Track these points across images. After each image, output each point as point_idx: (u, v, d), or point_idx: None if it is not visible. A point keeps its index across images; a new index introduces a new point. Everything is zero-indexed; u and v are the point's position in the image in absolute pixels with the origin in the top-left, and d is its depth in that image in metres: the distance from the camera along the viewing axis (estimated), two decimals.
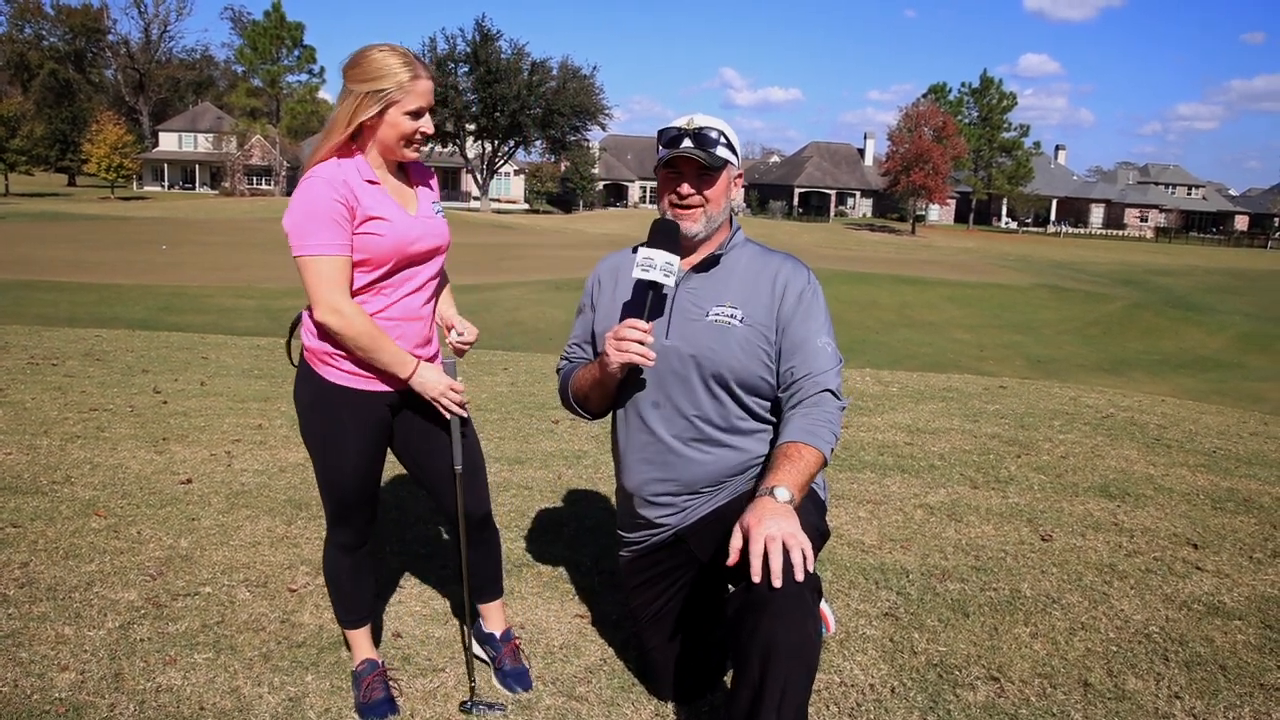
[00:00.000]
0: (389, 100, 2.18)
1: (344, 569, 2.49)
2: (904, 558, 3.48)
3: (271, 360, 8.22)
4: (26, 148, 60.85)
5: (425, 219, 2.34)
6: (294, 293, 16.94)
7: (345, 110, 2.20)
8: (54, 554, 3.28)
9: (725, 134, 2.28)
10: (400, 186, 2.34)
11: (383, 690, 2.44)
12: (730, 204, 2.35)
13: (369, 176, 2.24)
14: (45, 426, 5.00)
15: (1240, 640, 2.87)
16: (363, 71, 2.18)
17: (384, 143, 2.25)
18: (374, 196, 2.23)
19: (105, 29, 76.53)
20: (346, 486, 2.38)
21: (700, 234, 2.29)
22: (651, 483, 2.36)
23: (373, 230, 2.21)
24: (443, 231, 2.38)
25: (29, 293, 15.44)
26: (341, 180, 2.19)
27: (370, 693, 2.42)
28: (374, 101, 2.18)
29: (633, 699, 2.51)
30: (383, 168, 2.30)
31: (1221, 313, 28.09)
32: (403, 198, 2.33)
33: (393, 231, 2.23)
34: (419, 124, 2.24)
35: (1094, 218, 79.05)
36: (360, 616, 2.54)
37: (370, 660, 2.51)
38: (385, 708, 2.40)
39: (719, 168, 2.26)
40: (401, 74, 2.17)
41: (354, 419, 2.32)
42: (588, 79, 57.96)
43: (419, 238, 2.29)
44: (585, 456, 4.80)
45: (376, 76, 2.17)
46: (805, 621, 1.85)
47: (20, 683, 2.44)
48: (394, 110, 2.20)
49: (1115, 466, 4.79)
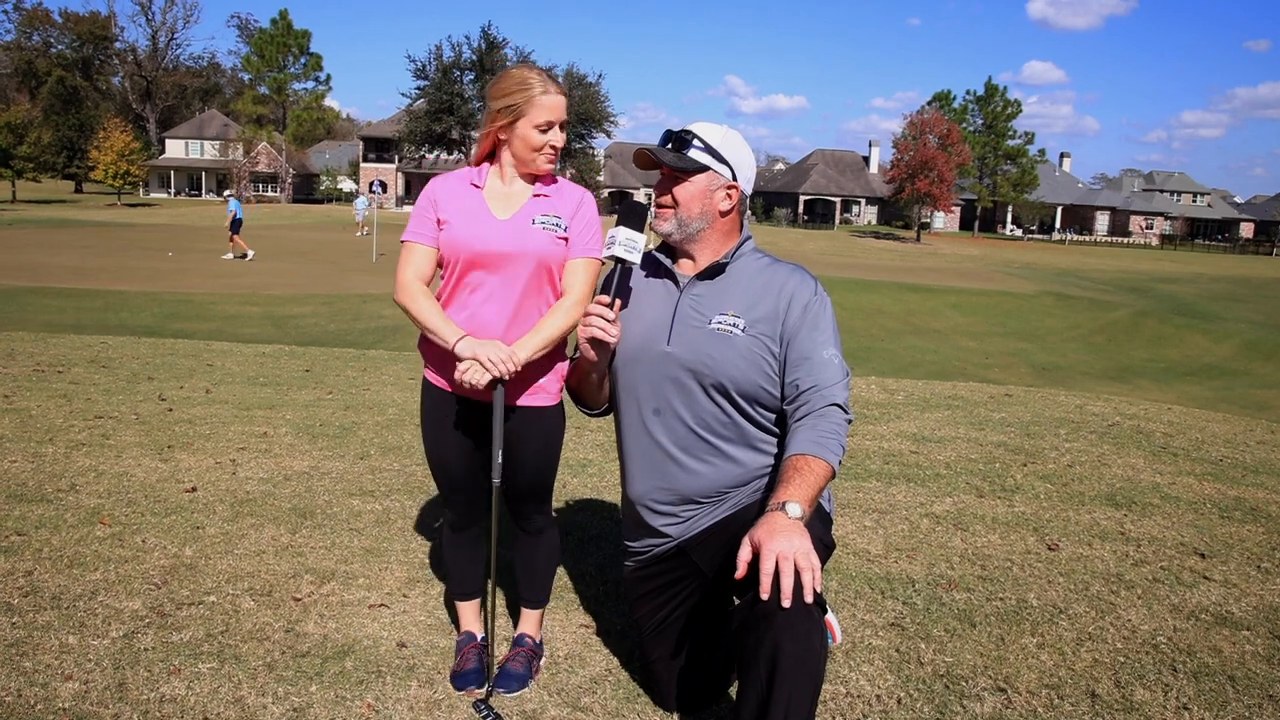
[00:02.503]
0: (517, 114, 2.32)
1: (451, 544, 2.70)
2: (910, 567, 3.47)
3: (277, 368, 8.23)
4: (34, 154, 61.09)
5: (514, 225, 2.37)
6: (299, 300, 16.99)
7: (484, 125, 2.41)
8: (59, 562, 3.28)
9: (706, 139, 2.27)
10: (512, 194, 2.42)
11: (475, 661, 2.59)
12: (716, 210, 2.29)
13: (475, 181, 2.42)
14: (50, 434, 5.00)
15: (1249, 651, 2.85)
16: (498, 88, 2.35)
17: (517, 155, 2.39)
18: (461, 197, 2.41)
19: (112, 36, 77.01)
20: (445, 473, 2.59)
21: (671, 234, 2.32)
22: (654, 491, 2.35)
23: (442, 226, 2.40)
24: (531, 241, 2.36)
25: (35, 299, 15.48)
26: (441, 182, 2.45)
27: (464, 662, 2.60)
28: (505, 115, 2.33)
29: (637, 710, 2.49)
30: (508, 176, 2.43)
31: (1227, 320, 28.01)
32: (505, 204, 2.41)
33: (458, 227, 2.37)
34: (548, 137, 2.36)
35: (1099, 225, 78.96)
36: (466, 590, 2.72)
37: (470, 633, 2.71)
38: (473, 678, 2.55)
39: (688, 170, 2.26)
40: (533, 88, 2.31)
41: (447, 416, 2.51)
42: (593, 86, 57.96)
43: (490, 240, 2.35)
44: (590, 465, 4.80)
45: (508, 92, 2.32)
46: (811, 634, 1.84)
47: (24, 692, 2.43)
48: (523, 123, 2.33)
49: (1121, 475, 4.77)
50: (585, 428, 5.60)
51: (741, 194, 2.33)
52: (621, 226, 2.28)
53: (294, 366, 8.40)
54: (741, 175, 2.32)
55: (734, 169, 2.30)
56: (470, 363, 2.31)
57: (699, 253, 2.34)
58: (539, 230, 2.38)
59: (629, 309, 2.38)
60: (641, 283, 2.41)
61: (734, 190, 2.31)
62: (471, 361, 2.31)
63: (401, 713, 2.45)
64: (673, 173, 2.29)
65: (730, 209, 2.32)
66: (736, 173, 2.30)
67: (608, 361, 2.36)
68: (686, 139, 2.28)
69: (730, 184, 2.30)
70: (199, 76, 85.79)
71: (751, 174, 2.36)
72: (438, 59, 55.11)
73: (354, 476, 4.43)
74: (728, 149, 2.29)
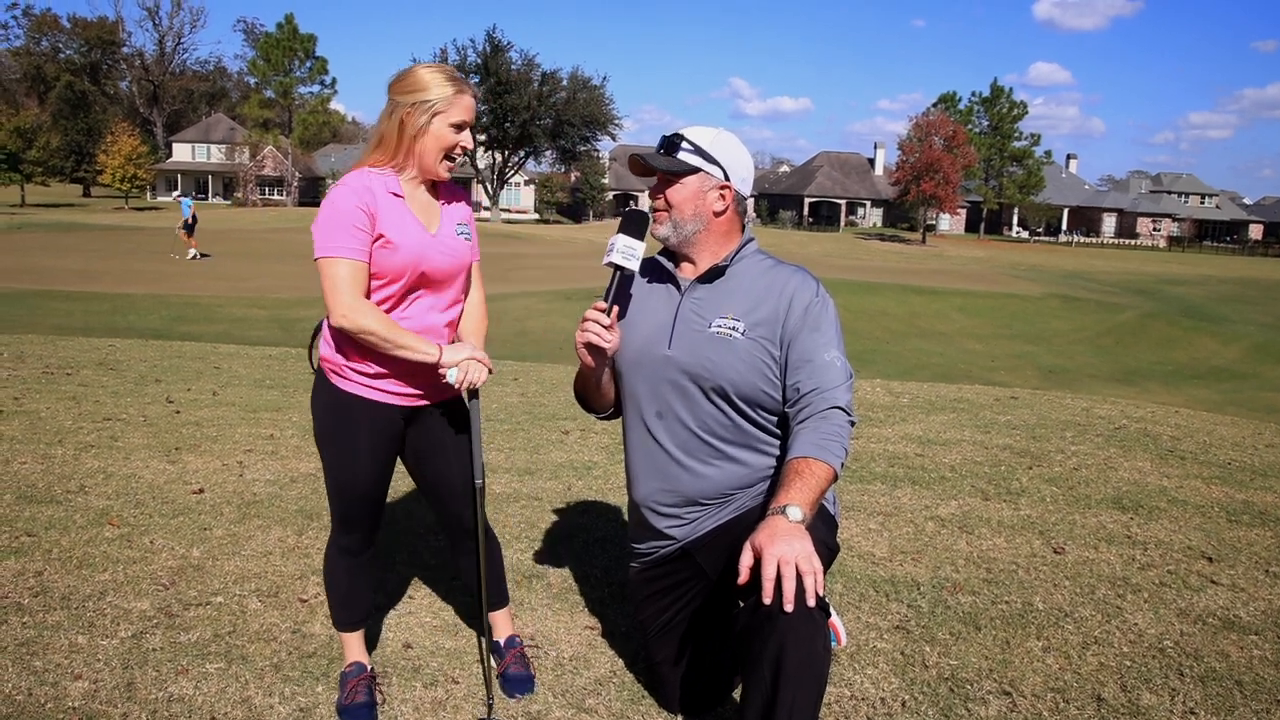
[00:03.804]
0: (434, 111, 2.25)
1: (343, 571, 2.54)
2: (915, 570, 3.47)
3: (283, 370, 8.26)
4: (42, 159, 61.35)
5: (445, 239, 2.36)
6: (306, 302, 17.03)
7: (390, 123, 2.28)
8: (68, 563, 3.30)
9: (695, 142, 2.27)
10: (428, 203, 2.38)
11: (365, 695, 2.46)
12: (710, 211, 2.29)
13: (394, 189, 2.29)
14: (60, 436, 5.03)
15: (1256, 655, 2.85)
16: (409, 85, 2.26)
17: (423, 157, 2.29)
18: (394, 210, 2.28)
19: (120, 41, 77.31)
20: (353, 492, 2.43)
21: (668, 238, 2.32)
22: (657, 493, 2.36)
23: (385, 245, 2.25)
24: (462, 253, 2.39)
25: (44, 302, 15.54)
26: (366, 188, 2.25)
27: (353, 695, 2.45)
28: (420, 113, 2.25)
29: (642, 711, 2.50)
30: (414, 183, 2.34)
31: (1236, 323, 27.92)
32: (427, 215, 2.36)
33: (406, 248, 2.26)
34: (460, 137, 2.30)
35: (1106, 227, 78.73)
36: (355, 619, 2.58)
37: (359, 664, 2.55)
38: (365, 713, 2.42)
39: (678, 173, 2.27)
40: (446, 88, 2.25)
41: (365, 429, 2.37)
42: (598, 89, 58.08)
43: (434, 257, 2.32)
44: (595, 468, 4.81)
45: (422, 88, 2.24)
46: (814, 637, 1.84)
47: (34, 691, 2.45)
48: (438, 120, 2.26)
49: (1128, 478, 4.76)
50: (590, 431, 5.61)
51: (736, 194, 2.31)
52: (621, 234, 2.29)
53: (300, 369, 8.43)
54: (734, 175, 2.30)
55: (725, 169, 2.29)
56: (467, 363, 2.31)
57: (698, 256, 2.34)
58: (462, 241, 2.40)
59: (633, 314, 2.39)
60: (645, 288, 2.42)
61: (727, 190, 2.29)
62: (468, 362, 2.31)
63: (407, 713, 2.46)
64: (666, 177, 2.30)
65: (724, 209, 2.30)
66: (729, 173, 2.29)
67: (604, 365, 2.38)
68: (676, 142, 2.29)
69: (723, 184, 2.29)
70: (205, 80, 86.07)
71: (746, 174, 2.33)
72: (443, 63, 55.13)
73: None
74: (718, 150, 2.28)
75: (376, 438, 2.39)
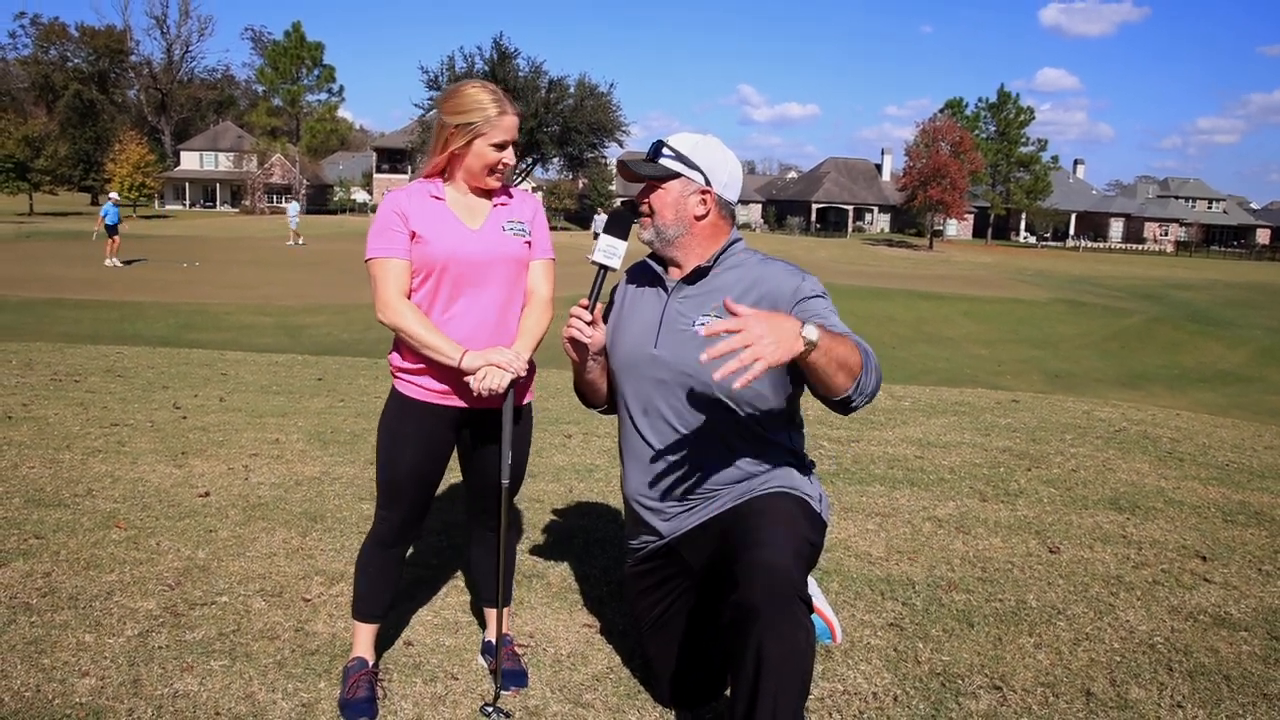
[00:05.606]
0: (475, 133, 2.38)
1: (374, 562, 2.61)
2: (911, 569, 3.51)
3: (289, 376, 8.33)
4: (51, 167, 61.67)
5: (488, 234, 2.46)
6: (312, 310, 17.12)
7: (438, 141, 2.44)
8: (75, 564, 3.36)
9: (676, 148, 2.33)
10: (474, 204, 2.50)
11: (366, 690, 2.50)
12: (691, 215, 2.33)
13: (435, 194, 2.45)
14: (68, 441, 5.10)
15: (1245, 651, 2.88)
16: (454, 105, 2.40)
17: (470, 170, 2.44)
18: (430, 209, 2.44)
19: (128, 50, 77.73)
20: (399, 487, 2.53)
21: (652, 241, 2.39)
22: (643, 488, 2.42)
23: (418, 240, 2.41)
24: (507, 248, 2.48)
25: (52, 310, 15.66)
26: (404, 195, 2.45)
27: (355, 690, 2.49)
28: (463, 134, 2.39)
29: (638, 705, 2.54)
30: (462, 189, 2.49)
31: (1242, 327, 27.84)
32: (470, 214, 2.47)
33: (438, 241, 2.40)
34: (502, 155, 2.43)
35: (1113, 232, 78.60)
36: (374, 612, 2.64)
37: (361, 659, 2.60)
38: (365, 708, 2.46)
39: (658, 178, 2.34)
40: (489, 109, 2.38)
41: (418, 429, 2.50)
42: (605, 96, 58.23)
43: (470, 249, 2.41)
44: (596, 470, 4.85)
45: (466, 110, 2.37)
46: (796, 632, 1.88)
47: (42, 688, 2.51)
48: (480, 141, 2.39)
49: (1126, 480, 4.79)
50: (592, 435, 5.66)
51: (717, 198, 2.36)
52: (604, 234, 2.40)
53: (306, 375, 8.50)
54: (715, 180, 2.35)
55: (707, 174, 2.34)
56: (486, 369, 2.36)
57: (683, 258, 2.39)
58: (510, 236, 2.49)
59: (625, 317, 2.47)
60: (636, 291, 2.50)
61: (708, 195, 2.34)
62: (487, 368, 2.36)
63: (407, 709, 2.51)
64: (649, 182, 2.36)
65: (705, 213, 2.35)
66: (710, 178, 2.34)
67: (589, 360, 2.45)
68: (659, 149, 2.36)
69: (703, 189, 2.34)
70: (213, 89, 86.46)
71: (729, 178, 2.37)
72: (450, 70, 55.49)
73: (364, 481, 4.50)
74: (699, 155, 2.33)
75: (426, 439, 2.50)
